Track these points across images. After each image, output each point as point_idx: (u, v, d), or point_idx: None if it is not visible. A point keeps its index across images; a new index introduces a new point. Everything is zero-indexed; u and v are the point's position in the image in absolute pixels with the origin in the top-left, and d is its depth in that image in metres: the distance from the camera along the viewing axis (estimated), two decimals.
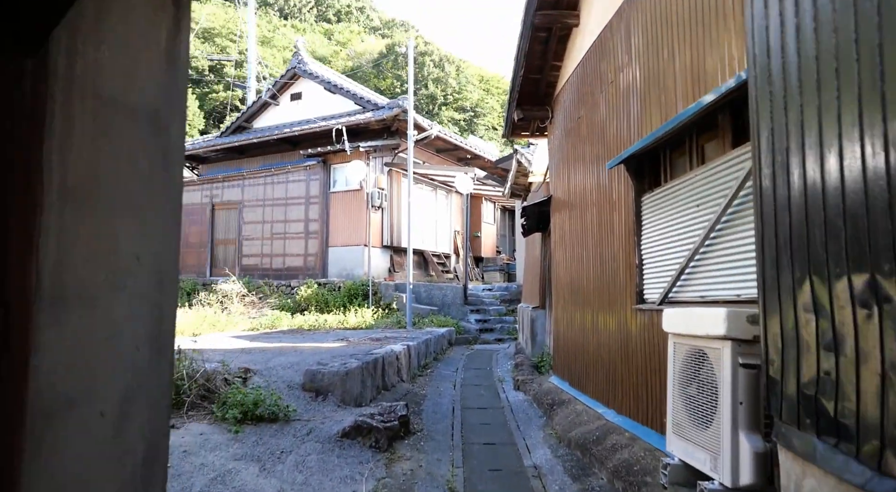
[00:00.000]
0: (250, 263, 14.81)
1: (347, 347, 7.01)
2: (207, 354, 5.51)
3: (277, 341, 7.65)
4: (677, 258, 3.46)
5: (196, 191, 15.64)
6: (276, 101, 17.47)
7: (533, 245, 9.60)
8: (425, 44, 62.04)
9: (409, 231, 11.07)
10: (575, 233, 5.51)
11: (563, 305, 6.00)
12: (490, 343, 11.83)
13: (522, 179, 10.46)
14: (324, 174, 14.41)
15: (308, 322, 10.56)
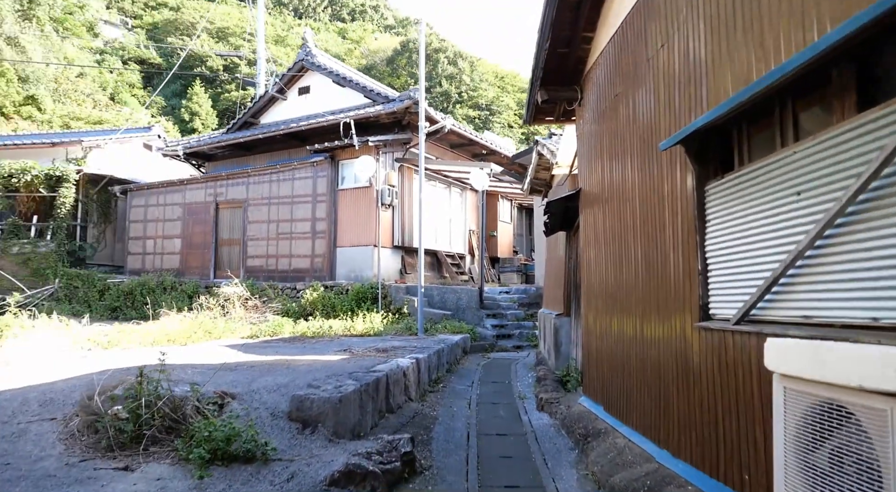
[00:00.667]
0: (255, 264, 14.14)
1: (349, 360, 6.24)
2: (182, 373, 4.77)
3: (273, 353, 6.90)
4: (765, 264, 2.62)
5: (199, 189, 15.01)
6: (284, 95, 16.82)
7: (555, 245, 8.75)
8: (440, 41, 61.41)
9: (421, 230, 10.29)
10: (611, 231, 4.67)
11: (597, 313, 5.16)
12: (508, 351, 11.00)
13: (543, 173, 9.61)
14: (331, 171, 13.69)
15: (312, 328, 9.83)
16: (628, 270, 4.29)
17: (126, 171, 17.04)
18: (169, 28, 53.54)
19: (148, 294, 13.17)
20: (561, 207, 6.22)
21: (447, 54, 57.66)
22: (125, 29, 53.93)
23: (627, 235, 4.33)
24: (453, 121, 14.16)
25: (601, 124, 4.96)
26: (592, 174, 5.24)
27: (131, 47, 49.98)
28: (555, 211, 6.33)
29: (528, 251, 20.53)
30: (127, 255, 15.73)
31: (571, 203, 5.99)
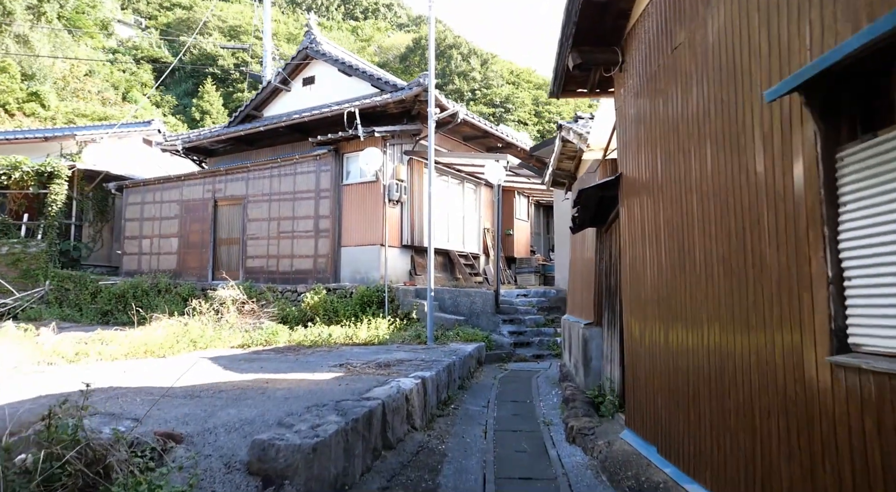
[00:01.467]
0: (255, 265, 13.25)
1: (342, 380, 5.26)
2: (127, 404, 3.82)
3: (256, 370, 5.94)
4: None
5: (197, 185, 14.17)
6: (288, 86, 15.94)
7: (582, 244, 7.70)
8: (454, 37, 60.43)
9: (431, 227, 9.29)
10: (668, 225, 3.63)
11: (644, 325, 4.12)
12: (527, 361, 9.96)
13: (567, 162, 8.55)
14: (335, 164, 12.75)
15: (310, 336, 8.87)
16: (693, 273, 3.25)
17: (124, 167, 16.30)
18: (181, 27, 53.37)
19: (141, 297, 12.35)
20: (593, 197, 5.18)
21: (461, 51, 56.70)
22: (139, 29, 53.83)
23: (692, 229, 3.29)
24: (466, 110, 13.14)
25: (651, 90, 3.91)
26: (639, 155, 4.20)
27: (144, 47, 49.79)
28: (586, 203, 5.30)
29: (546, 251, 19.44)
30: (122, 255, 14.95)
31: (608, 192, 4.95)
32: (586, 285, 7.16)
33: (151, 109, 40.39)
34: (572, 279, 8.52)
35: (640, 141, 4.15)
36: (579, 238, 7.91)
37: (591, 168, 7.08)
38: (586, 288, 7.15)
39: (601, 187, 4.77)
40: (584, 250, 7.46)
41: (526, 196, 18.04)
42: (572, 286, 8.47)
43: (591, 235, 7.03)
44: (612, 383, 5.66)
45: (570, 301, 8.56)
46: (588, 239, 7.18)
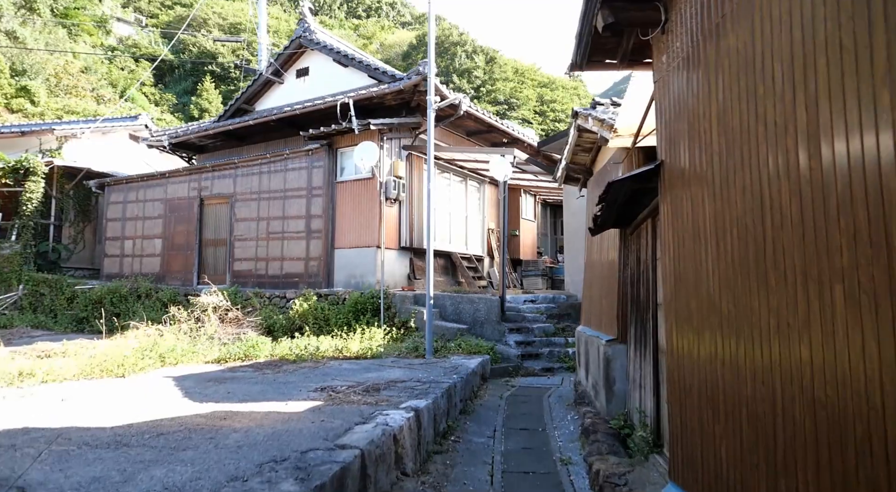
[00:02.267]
0: (242, 268, 12.36)
1: (319, 412, 4.35)
2: (29, 457, 2.92)
3: (220, 397, 5.04)
4: None
5: (183, 182, 13.29)
6: (281, 78, 15.06)
7: (602, 247, 6.77)
8: (459, 35, 59.58)
9: (429, 227, 8.38)
10: (739, 224, 2.69)
11: (699, 346, 3.18)
12: (536, 375, 9.03)
13: (582, 156, 7.63)
14: (328, 160, 11.85)
15: (295, 349, 7.97)
16: (773, 283, 2.33)
17: (109, 164, 15.44)
18: (181, 25, 52.72)
19: (119, 303, 11.48)
20: (623, 191, 4.25)
21: (465, 48, 55.86)
22: (139, 26, 53.19)
23: (765, 227, 2.36)
24: (469, 102, 12.22)
25: (711, 51, 2.99)
26: (689, 137, 3.27)
27: (143, 44, 49.07)
28: (613, 198, 4.37)
29: (555, 253, 18.51)
30: (103, 257, 14.09)
31: (643, 185, 4.02)
32: (606, 294, 6.23)
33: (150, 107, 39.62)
34: (588, 286, 7.59)
35: (692, 118, 3.22)
36: (597, 240, 6.99)
37: (615, 159, 6.15)
38: (606, 298, 6.23)
39: (635, 179, 3.86)
40: (605, 254, 6.53)
41: (533, 195, 17.11)
42: (588, 294, 7.54)
43: (613, 237, 6.11)
44: (644, 414, 4.73)
45: (586, 311, 7.63)
46: (609, 242, 6.25)
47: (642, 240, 5.09)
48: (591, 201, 7.55)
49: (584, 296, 7.94)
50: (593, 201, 7.29)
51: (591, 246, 7.47)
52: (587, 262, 7.76)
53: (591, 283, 7.41)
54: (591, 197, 7.61)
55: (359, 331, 9.33)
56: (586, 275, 7.78)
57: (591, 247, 7.56)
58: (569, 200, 12.10)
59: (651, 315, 4.66)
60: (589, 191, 7.83)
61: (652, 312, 4.63)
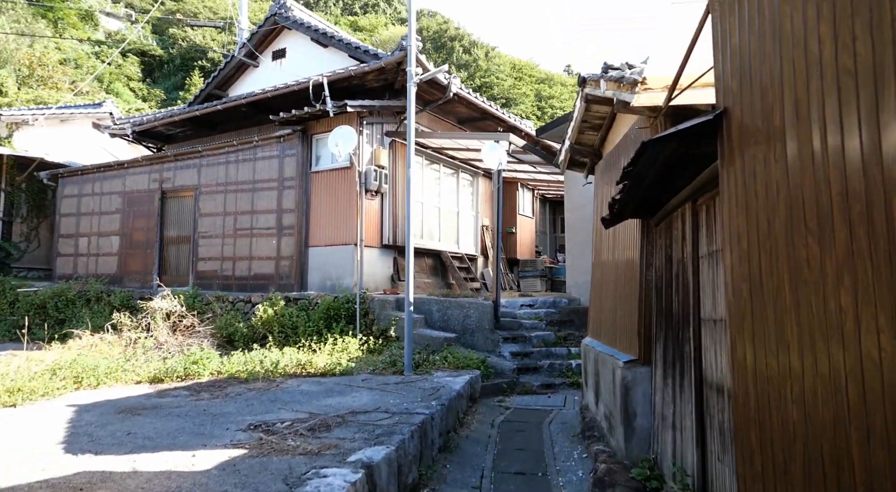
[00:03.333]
0: (207, 268, 11.09)
1: (237, 466, 3.10)
2: None
3: (113, 443, 3.78)
4: None
5: (143, 173, 12.01)
6: (256, 61, 13.80)
7: (614, 242, 5.53)
8: (455, 30, 58.41)
9: (409, 221, 7.15)
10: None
11: (797, 389, 1.94)
12: (535, 392, 7.79)
13: (590, 135, 6.38)
14: (302, 148, 10.60)
15: (249, 365, 6.71)
16: None
17: (68, 155, 14.15)
18: (171, 19, 51.58)
19: (64, 308, 10.20)
20: (658, 156, 2.97)
21: (462, 43, 54.70)
22: (128, 21, 51.92)
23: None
24: (460, 83, 10.98)
25: None
26: (781, 66, 2.03)
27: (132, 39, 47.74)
28: (644, 169, 3.12)
29: (554, 252, 17.28)
30: (56, 256, 12.80)
31: (693, 148, 2.77)
32: (623, 302, 4.99)
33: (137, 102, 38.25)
34: (597, 291, 6.34)
35: (793, 30, 1.98)
36: (609, 236, 5.74)
37: (632, 134, 4.90)
38: (623, 306, 4.98)
39: (683, 138, 2.59)
40: (620, 252, 5.29)
41: (531, 189, 15.87)
42: (597, 300, 6.29)
43: (631, 230, 4.87)
44: (682, 471, 3.48)
45: (595, 320, 6.37)
46: (626, 237, 5.01)
47: (676, 232, 3.85)
48: (601, 189, 6.30)
49: (591, 302, 6.69)
50: (603, 188, 6.05)
51: (601, 242, 6.22)
52: (595, 262, 6.51)
53: (600, 287, 6.15)
54: (601, 184, 6.36)
55: (330, 341, 8.09)
56: (594, 277, 6.53)
57: (600, 244, 6.31)
58: (571, 193, 10.86)
59: (691, 333, 3.42)
60: (598, 177, 6.59)
61: (693, 329, 3.39)
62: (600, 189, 6.37)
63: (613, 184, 5.54)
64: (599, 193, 6.41)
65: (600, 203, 6.33)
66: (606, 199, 5.97)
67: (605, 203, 5.94)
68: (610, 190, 5.65)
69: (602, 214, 4.83)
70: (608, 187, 5.57)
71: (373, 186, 10.20)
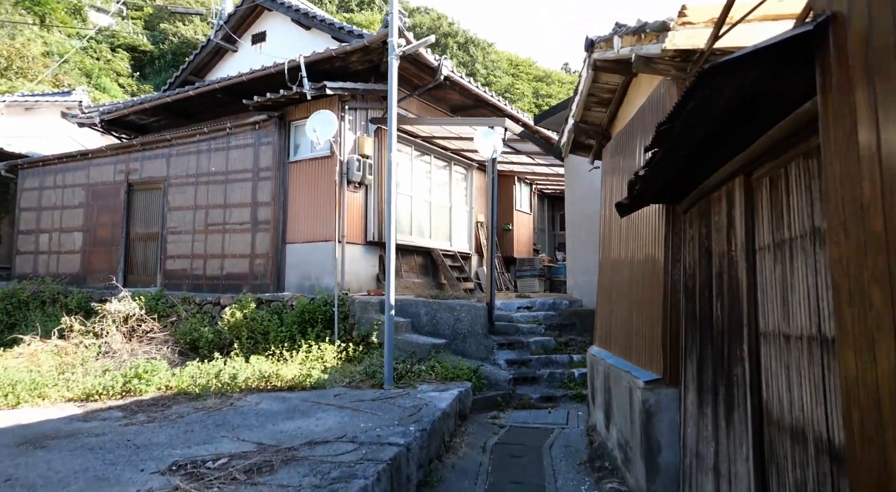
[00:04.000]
0: (176, 267, 10.18)
1: None
2: None
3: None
4: None
5: (108, 164, 11.10)
6: (234, 46, 12.89)
7: (629, 235, 4.66)
8: (450, 26, 57.57)
9: (391, 213, 6.28)
10: None
11: None
12: (533, 407, 6.91)
13: (597, 111, 5.52)
14: (279, 136, 9.70)
15: (203, 377, 5.81)
16: None
17: (34, 146, 13.22)
18: (162, 14, 50.66)
19: (15, 311, 9.29)
20: (710, 105, 2.09)
21: (457, 40, 53.86)
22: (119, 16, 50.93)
23: None
24: (452, 66, 10.11)
25: None
26: None
27: (121, 34, 46.76)
28: (686, 129, 2.25)
29: (552, 250, 16.42)
30: (15, 254, 11.87)
31: (780, 81, 1.89)
32: (641, 306, 4.12)
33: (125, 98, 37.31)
34: (606, 293, 5.46)
35: None
36: (623, 227, 4.86)
37: (652, 102, 4.03)
38: (641, 311, 4.11)
39: (764, 61, 1.70)
40: (637, 247, 4.41)
41: (528, 183, 15.00)
42: (607, 304, 5.41)
43: (652, 220, 4.00)
44: None
45: (604, 326, 5.49)
46: (646, 227, 4.13)
47: (717, 218, 2.97)
48: (609, 175, 5.43)
49: (598, 305, 5.81)
50: (612, 174, 5.18)
51: (610, 236, 5.34)
52: (604, 259, 5.63)
53: (610, 288, 5.28)
54: (609, 169, 5.49)
55: (304, 349, 7.21)
56: (602, 276, 5.65)
57: (609, 238, 5.44)
58: (572, 185, 9.99)
59: (745, 351, 2.54)
60: (606, 161, 5.71)
61: (748, 346, 2.52)
62: (609, 175, 5.50)
63: (623, 172, 4.66)
64: (608, 179, 5.54)
65: (609, 191, 5.46)
66: (617, 186, 5.10)
67: (616, 190, 5.06)
68: (620, 179, 4.78)
69: (616, 200, 3.96)
70: (617, 175, 4.71)
71: (356, 177, 9.31)
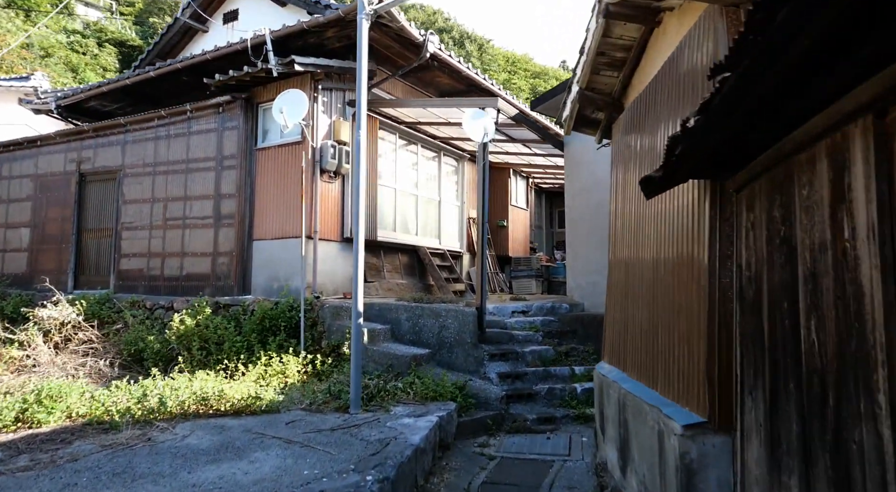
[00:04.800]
0: (132, 267, 9.13)
1: None
2: None
3: None
4: None
5: (58, 152, 10.04)
6: (205, 26, 11.83)
7: (653, 225, 3.64)
8: (445, 21, 56.61)
9: (359, 202, 5.26)
10: None
11: None
12: (529, 431, 5.88)
13: (607, 75, 4.50)
14: (246, 120, 8.67)
15: (124, 401, 4.76)
16: None
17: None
18: (151, 9, 49.57)
19: None
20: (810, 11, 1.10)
21: (452, 35, 52.86)
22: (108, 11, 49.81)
23: None
24: (439, 43, 9.08)
25: None
26: None
27: (109, 29, 45.64)
28: (768, 55, 1.26)
29: (551, 249, 15.41)
30: None
31: None
32: (674, 320, 3.10)
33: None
34: (619, 298, 4.43)
35: None
36: (642, 216, 3.84)
37: (691, 43, 3.02)
38: (673, 326, 3.09)
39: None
40: (666, 240, 3.39)
41: (525, 177, 13.99)
42: (619, 312, 4.38)
43: (689, 203, 2.98)
44: None
45: (615, 341, 4.47)
46: (681, 214, 3.11)
47: (810, 192, 1.95)
48: (622, 155, 4.40)
49: (609, 313, 4.77)
50: (626, 154, 4.15)
51: (622, 230, 4.32)
52: (616, 257, 4.61)
53: (623, 293, 4.25)
54: (623, 147, 4.47)
55: (262, 361, 6.19)
56: (613, 278, 4.63)
57: (620, 231, 4.41)
58: (573, 175, 8.98)
59: (879, 407, 1.52)
60: (618, 137, 4.69)
61: (885, 398, 1.50)
62: (621, 155, 4.49)
63: (639, 150, 3.65)
64: (619, 161, 4.52)
65: (621, 175, 4.44)
66: (632, 166, 4.09)
67: (631, 173, 4.05)
68: (635, 160, 3.76)
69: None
70: (631, 155, 3.69)
71: (330, 165, 8.28)
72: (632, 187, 4.09)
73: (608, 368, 4.45)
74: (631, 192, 4.10)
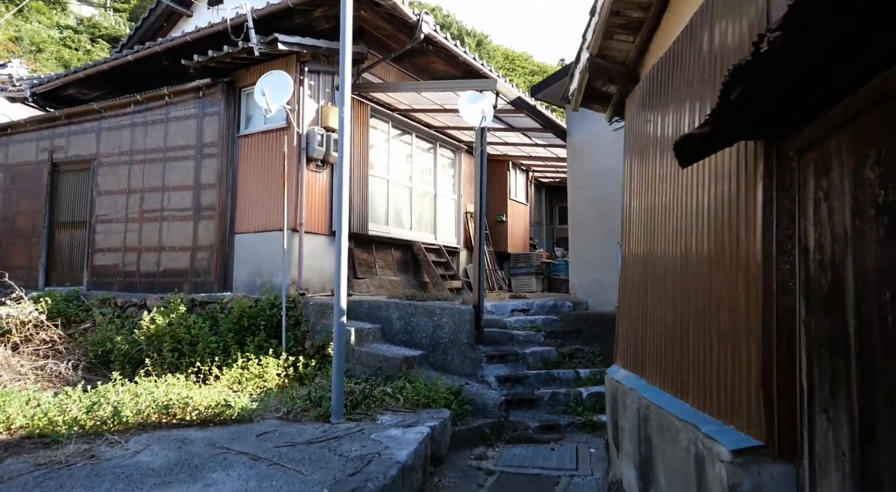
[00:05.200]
0: (106, 262, 8.57)
1: None
2: None
3: None
4: None
5: (29, 140, 9.47)
6: (189, 10, 11.26)
7: (683, 206, 3.09)
8: (443, 17, 56.06)
9: (342, 191, 4.72)
10: None
11: None
12: (532, 441, 5.34)
13: (621, 38, 3.95)
14: (227, 105, 8.12)
15: (73, 410, 4.21)
16: None
17: None
18: (146, 3, 48.90)
19: None
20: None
21: (451, 31, 52.37)
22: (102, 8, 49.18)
23: None
24: (434, 23, 8.54)
25: None
26: None
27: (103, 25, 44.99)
28: None
29: (552, 246, 14.88)
30: None
31: None
32: (713, 318, 2.56)
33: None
34: (635, 294, 3.88)
35: None
36: (667, 196, 3.29)
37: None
38: (712, 325, 2.55)
39: None
40: (698, 222, 2.84)
41: (524, 170, 13.45)
42: (636, 309, 3.83)
43: (732, 172, 2.43)
44: None
45: (630, 342, 3.92)
46: (720, 186, 2.56)
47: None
48: (639, 132, 3.86)
49: (623, 310, 4.22)
50: (644, 132, 3.61)
51: (638, 218, 3.77)
52: (631, 249, 4.06)
53: (642, 288, 3.71)
54: (638, 124, 3.93)
55: (239, 363, 5.64)
56: (627, 272, 4.09)
57: (636, 219, 3.87)
58: (576, 165, 8.43)
59: None
60: (632, 113, 4.14)
61: None
62: (637, 132, 3.94)
63: (660, 128, 3.10)
64: (635, 139, 3.98)
65: (637, 155, 3.90)
66: (651, 144, 3.54)
67: (649, 150, 3.51)
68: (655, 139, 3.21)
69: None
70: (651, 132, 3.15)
71: (317, 153, 7.74)
72: (651, 168, 3.56)
73: (623, 373, 3.91)
74: (650, 173, 3.56)
